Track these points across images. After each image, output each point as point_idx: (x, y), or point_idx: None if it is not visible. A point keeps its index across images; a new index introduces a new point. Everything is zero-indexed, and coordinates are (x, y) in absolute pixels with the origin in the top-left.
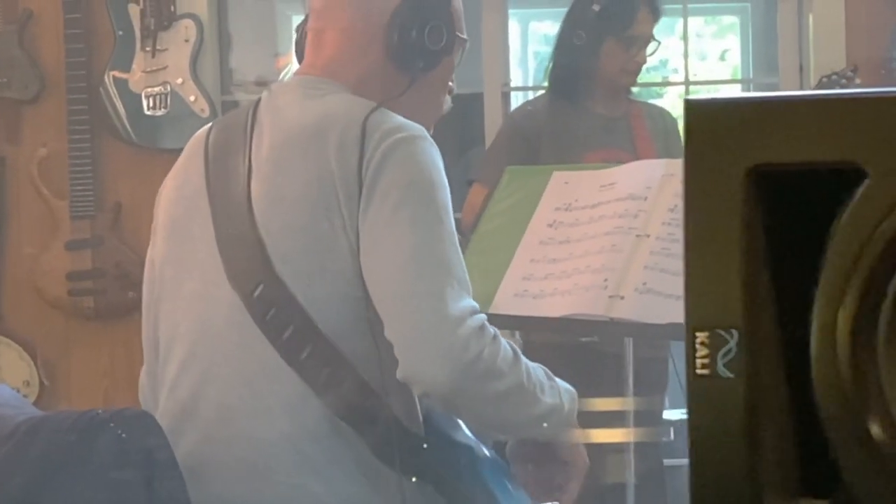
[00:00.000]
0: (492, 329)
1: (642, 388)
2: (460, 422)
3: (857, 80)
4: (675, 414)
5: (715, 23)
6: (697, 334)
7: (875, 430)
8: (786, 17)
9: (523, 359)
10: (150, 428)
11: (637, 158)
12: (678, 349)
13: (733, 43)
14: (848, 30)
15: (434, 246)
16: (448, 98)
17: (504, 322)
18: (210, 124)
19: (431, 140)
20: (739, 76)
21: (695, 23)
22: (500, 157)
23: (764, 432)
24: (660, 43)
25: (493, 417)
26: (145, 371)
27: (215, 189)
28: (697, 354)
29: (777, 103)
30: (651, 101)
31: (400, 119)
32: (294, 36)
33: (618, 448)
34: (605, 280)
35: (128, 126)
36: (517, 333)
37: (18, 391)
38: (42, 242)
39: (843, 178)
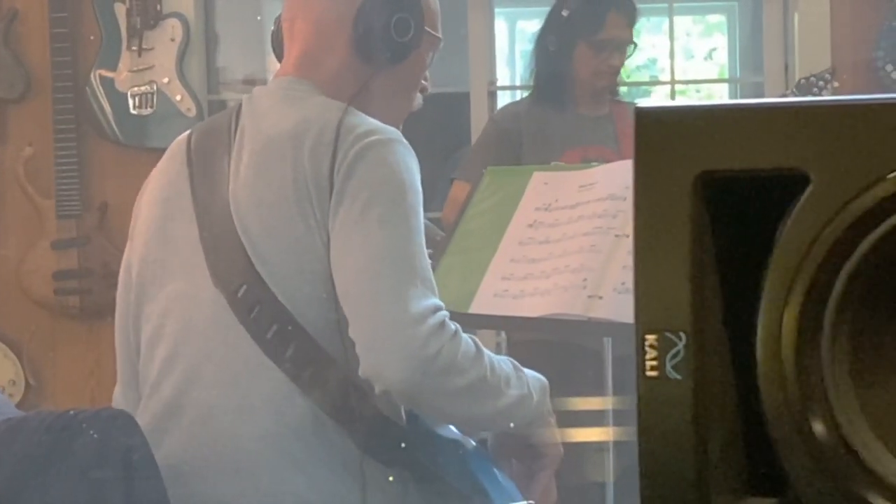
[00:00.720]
0: (453, 325)
1: (623, 387)
2: None
3: (835, 83)
4: None
5: (702, 21)
6: (647, 337)
7: (818, 428)
8: (771, 16)
9: (486, 353)
10: (128, 427)
11: (621, 156)
12: None
13: (720, 42)
14: (833, 29)
15: (399, 246)
16: (419, 96)
17: (484, 322)
18: (190, 130)
19: (406, 143)
20: (727, 75)
21: (682, 21)
22: (483, 155)
23: (712, 433)
24: (636, 45)
25: (457, 412)
26: (120, 390)
27: (199, 192)
28: (647, 356)
29: (725, 111)
30: (638, 100)
31: (374, 122)
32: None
33: (598, 447)
34: (584, 280)
35: (114, 125)
36: (502, 332)
37: (3, 390)
38: (28, 241)
39: (788, 184)
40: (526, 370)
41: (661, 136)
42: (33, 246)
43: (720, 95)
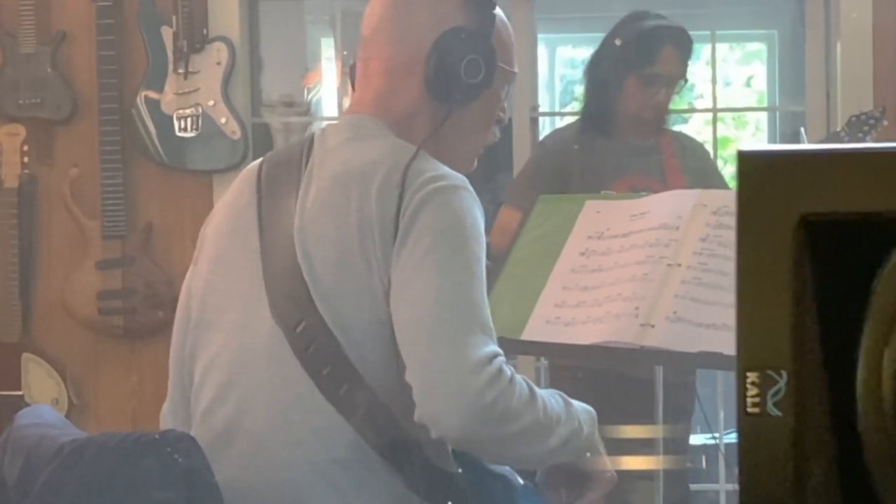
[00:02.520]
0: (509, 371)
1: (670, 415)
2: None
3: (885, 122)
4: (701, 439)
5: (740, 48)
6: (748, 374)
7: None
8: (813, 45)
9: (539, 394)
10: (192, 450)
11: (666, 185)
12: (705, 376)
13: (758, 69)
14: (876, 58)
15: (459, 292)
16: (496, 128)
17: (535, 349)
18: (261, 159)
19: (471, 190)
20: (765, 103)
21: (719, 49)
22: (531, 181)
23: (811, 470)
24: (686, 81)
25: (511, 455)
26: (169, 408)
27: (266, 225)
28: (748, 394)
29: (825, 155)
30: (676, 126)
31: (442, 167)
32: (329, 61)
33: (647, 475)
34: (636, 308)
35: (159, 147)
36: (541, 359)
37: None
38: (73, 261)
39: (888, 227)
40: (574, 402)
41: (763, 179)
42: (78, 266)
43: (756, 122)
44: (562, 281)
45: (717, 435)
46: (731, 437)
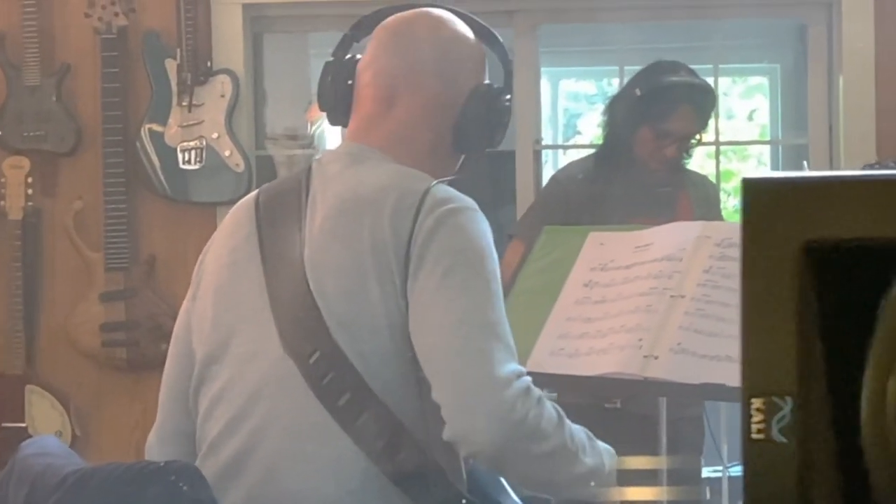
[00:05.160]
0: (537, 391)
1: (678, 447)
2: (505, 483)
3: None
4: (706, 472)
5: (742, 82)
6: (753, 400)
7: None
8: (816, 78)
9: (567, 421)
10: (196, 481)
11: None
12: (713, 409)
13: (760, 103)
14: (878, 92)
15: (483, 310)
16: None
17: (540, 380)
18: (256, 191)
19: (481, 212)
20: (768, 136)
21: (721, 82)
22: (541, 215)
23: (816, 496)
24: (700, 140)
25: (539, 477)
26: (156, 439)
27: (269, 256)
28: (753, 420)
29: (829, 182)
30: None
31: (452, 191)
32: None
33: None
34: (640, 340)
35: (163, 180)
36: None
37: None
38: (77, 293)
39: (893, 254)
40: (597, 440)
41: (768, 206)
42: (82, 298)
43: (759, 155)
44: (566, 312)
45: (718, 469)
46: (736, 470)
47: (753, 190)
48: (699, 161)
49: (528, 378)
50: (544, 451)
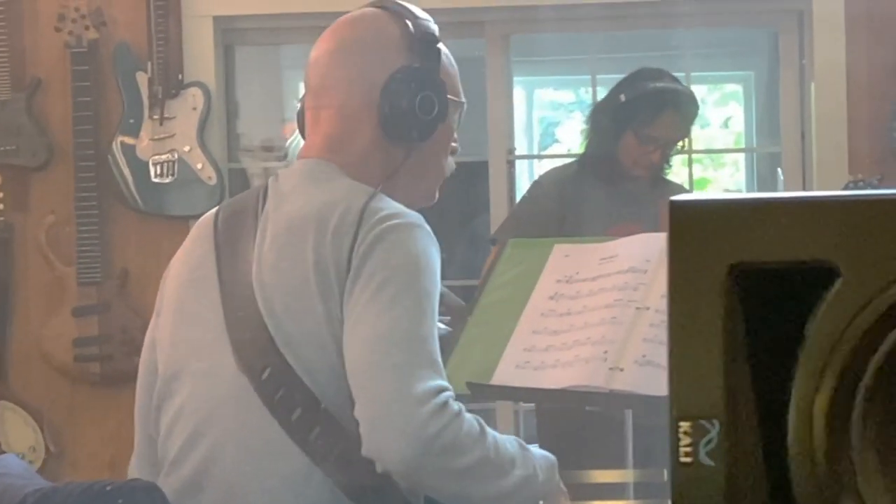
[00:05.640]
0: (456, 405)
1: (646, 459)
2: None
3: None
4: None
5: (717, 90)
6: (681, 424)
7: None
8: (788, 85)
9: (490, 433)
10: (158, 499)
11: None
12: None
13: (736, 110)
14: (850, 98)
15: (408, 327)
16: (451, 159)
17: (506, 393)
18: (216, 208)
19: (427, 228)
20: (743, 144)
21: (697, 90)
22: (524, 219)
23: None
24: (683, 146)
25: (459, 493)
26: (136, 461)
27: (225, 274)
28: (681, 443)
29: (756, 205)
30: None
31: (398, 206)
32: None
33: None
34: (605, 352)
35: (135, 193)
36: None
37: (24, 457)
38: (49, 308)
39: (818, 276)
40: (533, 448)
41: (695, 228)
42: (54, 313)
43: (735, 162)
44: (531, 325)
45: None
46: None
47: (680, 212)
48: (674, 169)
49: (449, 394)
50: (462, 466)
